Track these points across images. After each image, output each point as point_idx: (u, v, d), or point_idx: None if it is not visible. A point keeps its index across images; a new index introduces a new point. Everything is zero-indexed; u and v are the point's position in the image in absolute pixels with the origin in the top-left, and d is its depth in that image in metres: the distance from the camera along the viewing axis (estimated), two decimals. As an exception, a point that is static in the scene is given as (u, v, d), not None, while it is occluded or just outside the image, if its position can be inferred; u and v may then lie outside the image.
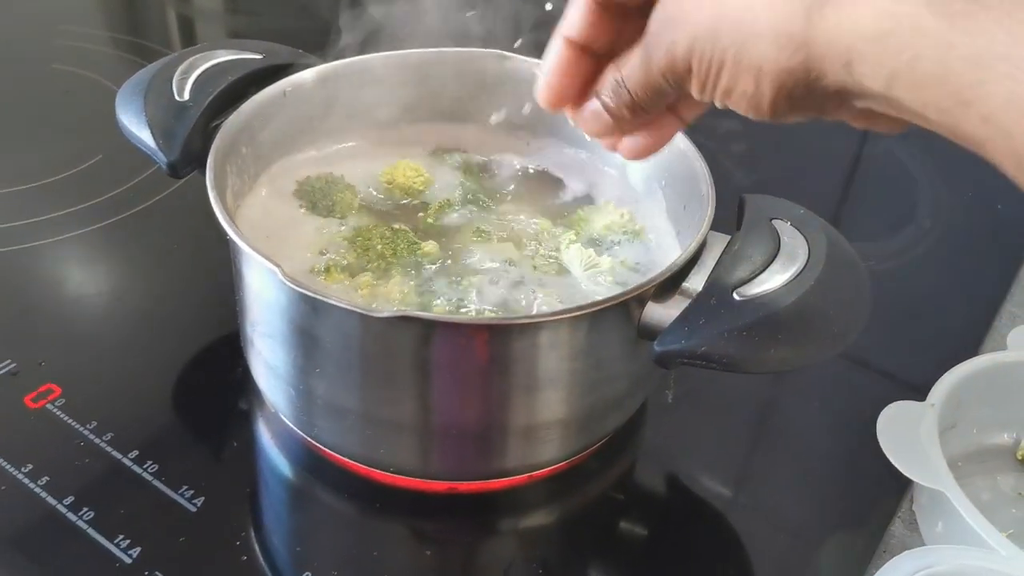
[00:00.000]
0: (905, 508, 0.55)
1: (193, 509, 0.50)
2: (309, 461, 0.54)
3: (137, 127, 0.53)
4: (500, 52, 0.63)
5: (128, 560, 0.48)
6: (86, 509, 0.50)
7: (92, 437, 0.54)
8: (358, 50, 0.63)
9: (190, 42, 1.06)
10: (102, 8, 1.18)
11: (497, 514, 0.54)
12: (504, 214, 0.60)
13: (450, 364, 0.46)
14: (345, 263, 0.54)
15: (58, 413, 0.55)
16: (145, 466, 0.52)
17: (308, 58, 0.61)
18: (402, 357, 0.46)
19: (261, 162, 0.59)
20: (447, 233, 0.58)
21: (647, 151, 0.40)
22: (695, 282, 0.46)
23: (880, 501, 0.55)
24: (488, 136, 0.66)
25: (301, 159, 0.62)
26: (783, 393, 0.64)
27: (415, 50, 0.64)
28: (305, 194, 0.59)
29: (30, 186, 0.76)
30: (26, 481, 0.51)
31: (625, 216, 0.59)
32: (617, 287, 0.54)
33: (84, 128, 0.84)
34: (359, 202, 0.60)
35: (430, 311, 0.50)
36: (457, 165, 0.64)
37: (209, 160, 0.50)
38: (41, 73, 0.95)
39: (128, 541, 0.48)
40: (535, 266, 0.55)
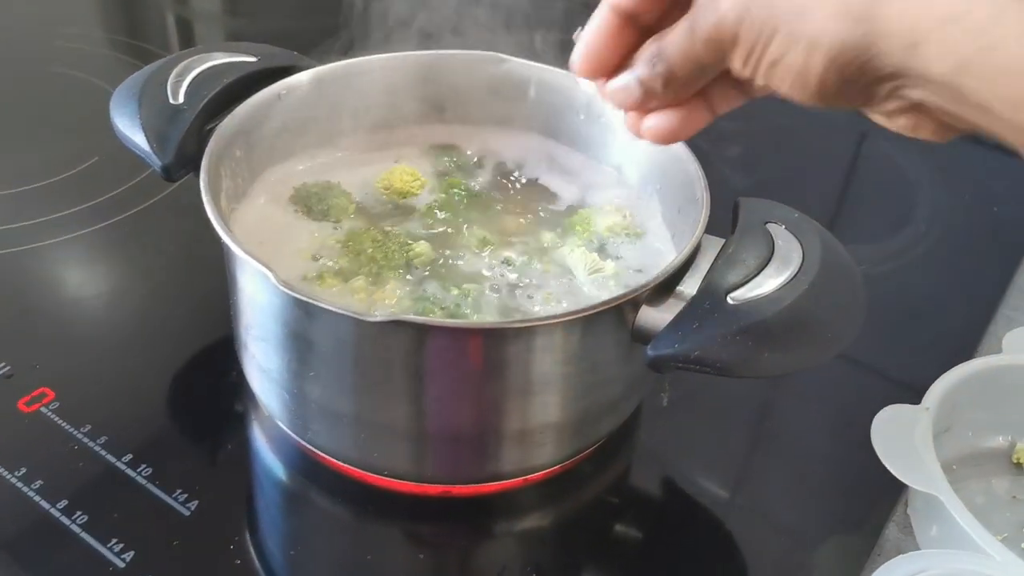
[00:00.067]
0: (900, 511, 0.55)
1: (187, 513, 0.50)
2: (303, 465, 0.54)
3: (131, 130, 0.53)
4: (498, 54, 0.63)
5: (122, 564, 0.48)
6: (80, 513, 0.50)
7: (86, 441, 0.54)
8: (355, 52, 0.63)
9: (188, 44, 1.06)
10: (101, 11, 1.18)
11: (492, 518, 0.54)
12: (502, 216, 0.60)
13: (444, 368, 0.46)
14: (338, 267, 0.54)
15: (52, 416, 0.55)
16: (139, 470, 0.52)
17: (304, 61, 0.61)
18: (396, 361, 0.45)
19: (256, 165, 0.59)
20: (443, 236, 0.58)
21: (671, 134, 0.38)
22: (689, 286, 0.46)
23: (875, 504, 0.55)
24: (485, 138, 0.66)
25: (296, 162, 0.62)
26: (778, 396, 0.64)
27: (411, 52, 0.64)
28: (301, 199, 0.59)
29: (25, 188, 0.76)
30: (19, 485, 0.51)
31: (627, 217, 0.59)
32: (622, 290, 0.53)
33: (81, 130, 0.84)
34: (355, 206, 0.59)
35: (425, 315, 0.50)
36: (454, 168, 0.64)
37: (203, 163, 0.50)
38: (40, 75, 0.95)
39: (122, 545, 0.48)
40: (534, 268, 0.55)
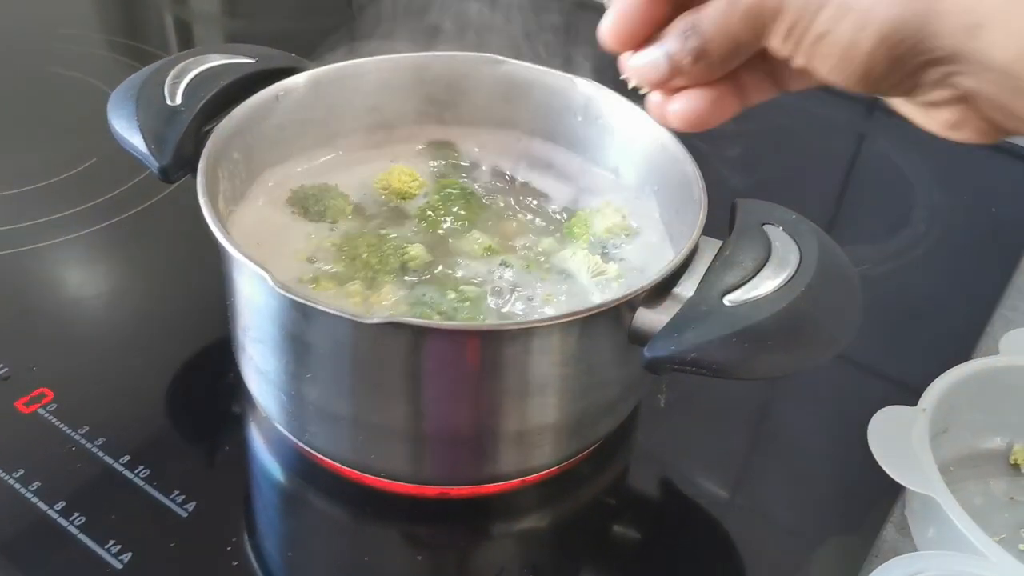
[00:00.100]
0: (897, 513, 0.55)
1: (184, 514, 0.50)
2: (301, 466, 0.54)
3: (128, 132, 0.53)
4: (494, 56, 0.63)
5: (119, 565, 0.48)
6: (77, 514, 0.50)
7: (84, 442, 0.54)
8: (354, 53, 0.63)
9: (187, 46, 1.06)
10: (100, 12, 1.18)
11: (489, 519, 0.54)
12: (500, 218, 0.60)
13: (441, 370, 0.46)
14: (333, 271, 0.54)
15: (50, 418, 0.55)
16: (137, 471, 0.52)
17: (302, 62, 0.61)
18: (393, 363, 0.45)
19: (254, 167, 0.59)
20: (442, 238, 0.58)
21: (698, 119, 0.36)
22: (686, 288, 0.46)
23: (872, 505, 0.55)
24: (483, 139, 0.66)
25: (294, 164, 0.62)
26: (776, 397, 0.64)
27: (408, 54, 0.63)
28: (298, 200, 0.59)
29: (23, 189, 0.75)
30: (17, 486, 0.51)
31: (626, 217, 0.59)
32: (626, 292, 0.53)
33: (80, 131, 0.84)
34: (352, 208, 0.59)
35: (422, 317, 0.50)
36: (452, 169, 0.64)
37: (200, 165, 0.50)
38: (39, 76, 0.95)
39: (119, 546, 0.48)
40: (532, 271, 0.55)
